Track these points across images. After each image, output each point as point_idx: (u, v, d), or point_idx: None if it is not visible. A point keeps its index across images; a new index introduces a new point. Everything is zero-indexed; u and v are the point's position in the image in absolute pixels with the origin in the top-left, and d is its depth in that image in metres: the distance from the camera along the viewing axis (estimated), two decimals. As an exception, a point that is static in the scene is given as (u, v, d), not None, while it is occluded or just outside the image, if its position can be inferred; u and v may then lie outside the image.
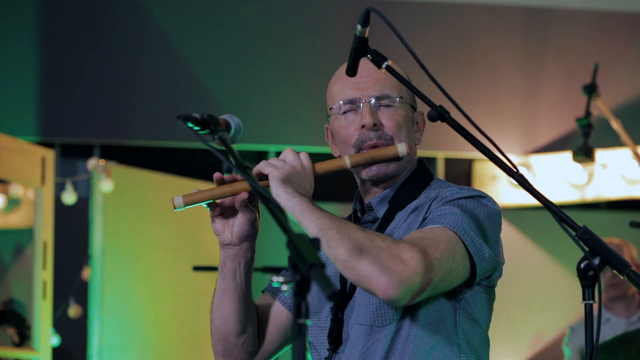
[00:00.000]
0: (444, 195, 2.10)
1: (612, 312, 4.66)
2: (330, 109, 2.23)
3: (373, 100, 2.17)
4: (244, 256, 2.18)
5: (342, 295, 2.16)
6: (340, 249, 1.94)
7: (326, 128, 2.29)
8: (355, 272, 1.93)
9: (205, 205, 2.18)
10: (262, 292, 2.34)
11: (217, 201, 2.16)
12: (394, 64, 2.20)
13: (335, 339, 2.14)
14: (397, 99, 2.18)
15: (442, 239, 1.98)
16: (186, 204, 2.13)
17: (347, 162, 2.15)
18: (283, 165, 2.08)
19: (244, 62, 6.23)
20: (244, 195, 2.10)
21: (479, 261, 2.02)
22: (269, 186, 2.05)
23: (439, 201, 2.09)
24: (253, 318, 2.23)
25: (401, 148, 2.15)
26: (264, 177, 2.09)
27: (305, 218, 1.99)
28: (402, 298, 1.93)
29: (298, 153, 2.12)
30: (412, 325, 2.07)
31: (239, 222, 2.16)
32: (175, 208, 2.14)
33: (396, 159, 2.16)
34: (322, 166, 2.14)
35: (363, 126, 2.16)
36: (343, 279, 2.18)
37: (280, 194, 2.03)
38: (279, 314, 2.27)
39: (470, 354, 2.10)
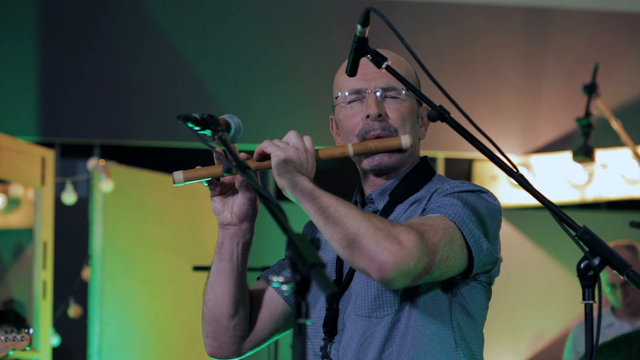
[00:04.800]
0: (445, 188, 2.10)
1: (616, 317, 4.64)
2: (336, 97, 2.23)
3: (379, 91, 2.17)
4: (242, 237, 2.17)
5: (338, 284, 2.16)
6: (337, 227, 1.93)
7: (331, 119, 2.28)
8: (351, 251, 1.92)
9: (205, 183, 2.17)
10: (258, 278, 2.33)
11: (217, 180, 2.15)
12: (400, 59, 2.20)
13: (331, 328, 2.14)
14: (403, 92, 2.18)
15: (440, 226, 1.98)
16: (186, 180, 2.12)
17: (350, 149, 2.15)
18: (286, 146, 2.08)
19: (244, 62, 6.23)
20: None
21: (476, 253, 2.02)
22: (270, 167, 2.06)
23: (439, 193, 2.09)
24: (246, 302, 2.22)
25: (405, 140, 2.15)
26: (266, 156, 2.09)
27: (305, 197, 1.99)
28: (396, 280, 1.91)
29: (302, 137, 2.12)
30: (410, 316, 2.07)
31: (238, 201, 2.16)
32: (174, 183, 2.13)
33: (399, 150, 2.16)
34: (325, 152, 2.14)
35: (368, 116, 2.16)
36: (339, 269, 2.18)
37: (280, 172, 2.03)
38: (273, 301, 2.26)
39: (465, 348, 2.10)
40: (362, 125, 2.17)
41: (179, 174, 2.12)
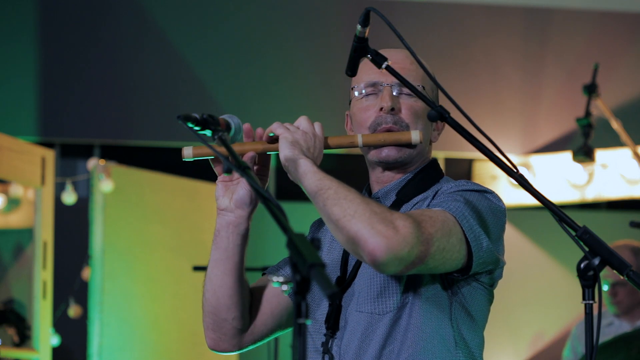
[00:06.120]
0: (449, 186, 2.11)
1: (615, 316, 4.64)
2: (352, 88, 2.24)
3: (395, 87, 2.18)
4: (237, 226, 2.17)
5: (342, 281, 2.16)
6: (335, 208, 1.94)
7: (346, 115, 2.29)
8: (346, 232, 1.92)
9: (212, 163, 2.19)
10: (263, 274, 2.33)
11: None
12: (408, 58, 2.20)
13: (333, 324, 2.14)
14: (420, 89, 2.18)
15: (439, 218, 1.98)
16: (195, 156, 2.14)
17: (359, 139, 2.15)
18: (295, 129, 2.10)
19: (244, 62, 6.23)
20: (252, 153, 2.12)
21: (476, 249, 2.01)
22: (277, 150, 2.08)
23: (443, 192, 2.10)
24: (245, 295, 2.22)
25: (415, 135, 2.15)
26: (275, 139, 2.10)
27: (307, 178, 2.01)
28: (388, 265, 1.91)
29: (312, 123, 2.14)
30: (411, 314, 2.07)
31: (241, 187, 2.17)
32: (184, 158, 2.15)
33: (408, 145, 2.16)
34: (334, 140, 2.16)
35: (381, 109, 2.17)
36: (343, 265, 2.18)
37: (287, 153, 2.05)
38: (276, 297, 2.26)
39: (465, 348, 2.10)
40: (374, 118, 2.17)
41: (188, 149, 2.14)
